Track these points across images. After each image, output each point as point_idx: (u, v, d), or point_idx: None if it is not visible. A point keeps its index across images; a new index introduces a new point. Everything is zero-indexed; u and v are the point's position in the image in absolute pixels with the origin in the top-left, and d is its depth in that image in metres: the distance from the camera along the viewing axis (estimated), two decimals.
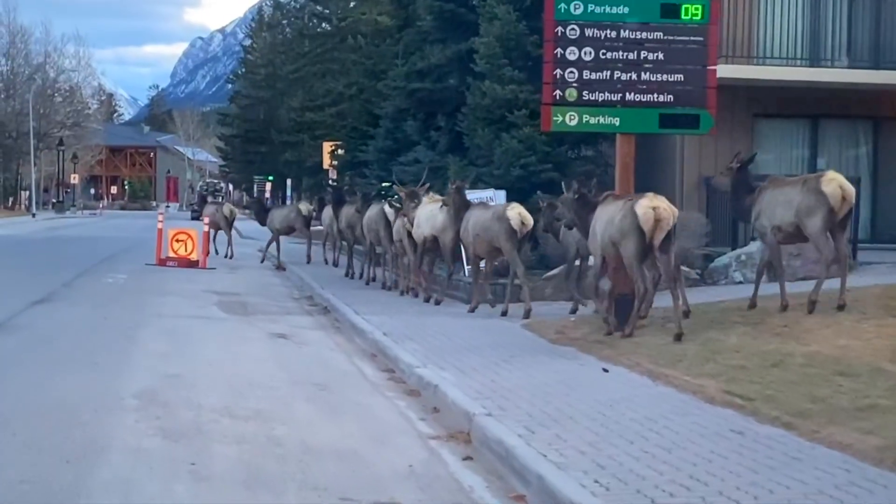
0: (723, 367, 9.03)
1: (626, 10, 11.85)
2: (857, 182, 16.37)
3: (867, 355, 8.98)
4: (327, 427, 7.80)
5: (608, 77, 11.88)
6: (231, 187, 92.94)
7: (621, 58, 11.91)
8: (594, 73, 11.88)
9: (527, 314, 13.32)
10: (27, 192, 73.04)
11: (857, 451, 6.30)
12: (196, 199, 35.52)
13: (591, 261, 12.67)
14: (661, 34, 11.89)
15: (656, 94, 11.88)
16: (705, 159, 17.34)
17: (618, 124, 11.98)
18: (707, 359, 9.44)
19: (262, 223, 25.46)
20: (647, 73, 11.88)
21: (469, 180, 16.08)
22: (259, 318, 14.43)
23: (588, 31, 11.87)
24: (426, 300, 15.95)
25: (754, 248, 14.81)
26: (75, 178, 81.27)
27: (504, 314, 13.83)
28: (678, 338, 10.32)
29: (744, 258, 15.22)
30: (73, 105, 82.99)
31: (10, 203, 75.24)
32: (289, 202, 56.78)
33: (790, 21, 18.07)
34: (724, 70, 13.48)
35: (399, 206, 17.01)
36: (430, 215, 15.71)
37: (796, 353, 9.28)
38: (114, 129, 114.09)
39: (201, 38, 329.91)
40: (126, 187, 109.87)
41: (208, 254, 24.32)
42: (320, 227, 25.36)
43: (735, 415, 7.52)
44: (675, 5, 11.81)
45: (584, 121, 11.97)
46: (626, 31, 11.92)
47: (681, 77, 11.90)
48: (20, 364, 10.04)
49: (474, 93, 18.41)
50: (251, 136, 69.53)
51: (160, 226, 24.04)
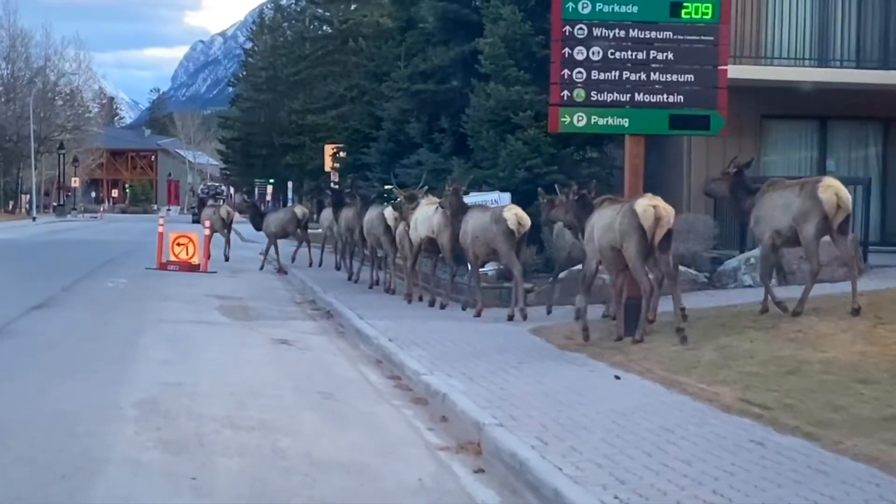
0: (738, 374, 8.79)
1: (635, 9, 11.61)
2: (867, 184, 16.23)
3: (886, 362, 8.75)
4: (333, 438, 7.56)
5: (617, 77, 11.64)
6: (232, 190, 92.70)
7: (630, 58, 11.66)
8: (602, 74, 11.64)
9: (524, 316, 13.32)
10: (28, 196, 72.82)
11: (885, 464, 6.07)
12: (196, 203, 35.31)
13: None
14: (671, 33, 11.66)
15: (666, 95, 11.64)
16: (713, 161, 17.07)
17: (627, 125, 11.74)
18: (721, 365, 9.21)
19: (258, 228, 25.28)
20: (657, 74, 11.64)
21: (467, 183, 15.92)
22: (261, 323, 14.21)
23: (596, 31, 11.63)
24: (430, 304, 15.72)
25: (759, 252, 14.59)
26: (76, 182, 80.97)
27: (510, 318, 13.60)
28: (680, 332, 10.30)
29: (753, 261, 14.94)
30: (73, 108, 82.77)
31: (11, 207, 75.05)
32: (290, 204, 56.63)
33: (798, 21, 17.85)
34: (731, 71, 13.20)
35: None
36: (426, 217, 15.66)
37: (813, 360, 9.05)
38: (115, 133, 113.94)
39: (202, 42, 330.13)
40: (127, 191, 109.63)
41: (209, 257, 24.09)
42: (319, 230, 25.16)
43: (753, 424, 7.29)
44: (684, 4, 11.59)
45: (593, 122, 11.73)
46: (635, 30, 11.67)
47: (691, 77, 11.66)
48: (17, 372, 9.82)
49: (479, 94, 18.16)
50: (252, 138, 69.32)
51: (161, 229, 23.84)
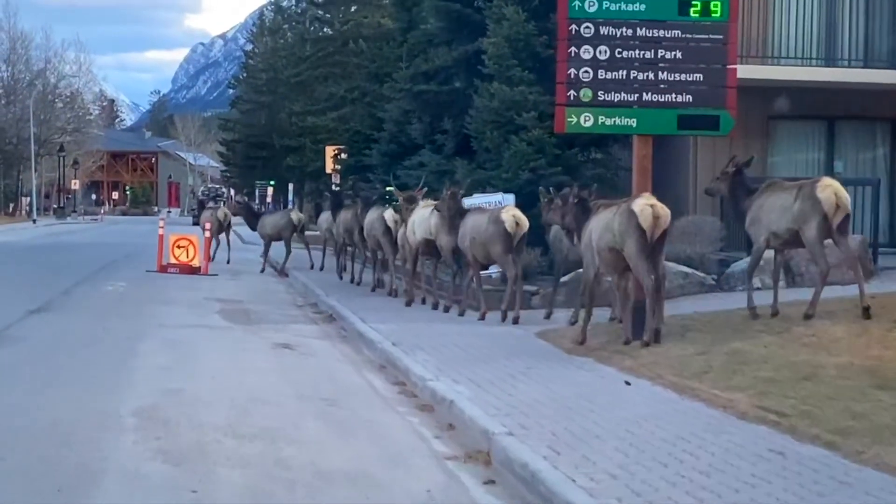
0: (752, 380, 8.58)
1: (643, 7, 11.36)
2: (876, 185, 16.02)
3: None
4: (338, 447, 7.35)
5: (624, 77, 11.40)
6: (232, 192, 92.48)
7: (638, 56, 11.41)
8: (610, 73, 11.40)
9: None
10: (28, 199, 72.58)
11: None
12: (196, 205, 35.16)
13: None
14: (679, 32, 11.41)
15: (674, 95, 11.39)
16: (719, 162, 16.65)
17: (635, 125, 11.50)
18: (734, 371, 9.00)
19: (253, 228, 25.16)
20: (665, 73, 11.39)
21: (466, 185, 15.77)
22: (263, 328, 14.00)
23: (603, 29, 11.38)
24: (433, 307, 15.52)
25: (772, 253, 14.35)
26: (76, 184, 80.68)
27: (516, 322, 13.42)
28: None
29: (762, 263, 14.68)
30: (74, 111, 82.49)
31: (11, 209, 74.76)
32: (291, 206, 56.39)
33: (805, 20, 17.62)
34: (738, 70, 13.04)
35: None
36: (424, 219, 15.57)
37: (828, 365, 8.83)
38: (115, 135, 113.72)
39: (202, 44, 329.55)
40: (127, 193, 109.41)
41: (210, 260, 23.89)
42: (317, 233, 25.02)
43: (771, 432, 7.08)
44: (692, 2, 11.36)
45: (600, 122, 11.49)
46: (643, 28, 11.40)
47: (700, 76, 11.41)
48: (13, 379, 9.61)
49: (482, 94, 17.96)
50: (252, 140, 69.05)
51: (161, 232, 23.64)
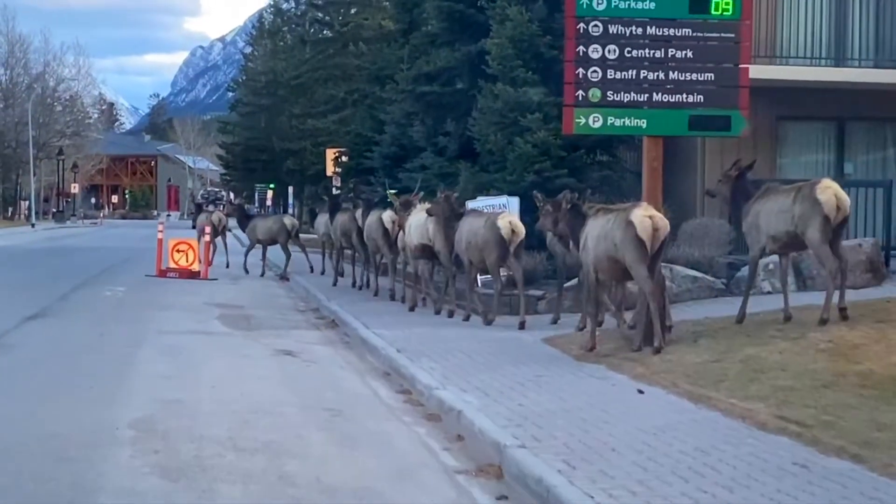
0: (770, 389, 8.30)
1: (653, 5, 11.05)
2: (888, 186, 15.73)
3: None
4: (343, 461, 7.07)
5: (634, 76, 11.09)
6: (232, 195, 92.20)
7: (648, 56, 11.09)
8: (619, 73, 11.10)
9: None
10: (27, 202, 72.29)
11: None
12: (194, 209, 35.00)
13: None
14: (690, 30, 11.11)
15: (685, 95, 11.10)
16: (727, 164, 16.46)
17: (645, 126, 11.20)
18: (751, 379, 8.72)
19: (243, 229, 25.05)
20: (676, 72, 11.08)
21: (459, 190, 15.56)
22: (264, 334, 13.72)
23: (612, 28, 11.08)
24: (436, 312, 15.25)
25: (775, 257, 14.11)
26: (75, 188, 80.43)
27: (521, 327, 13.17)
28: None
29: (772, 267, 14.43)
30: (73, 114, 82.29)
31: (10, 213, 74.53)
32: (290, 210, 56.10)
33: (814, 19, 17.34)
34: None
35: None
36: (420, 223, 15.40)
37: (848, 373, 8.56)
38: (114, 138, 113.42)
39: (201, 47, 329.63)
40: (127, 196, 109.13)
41: (210, 264, 23.63)
42: (314, 236, 24.91)
43: (793, 444, 6.81)
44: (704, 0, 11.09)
45: (609, 123, 11.19)
46: (653, 27, 11.09)
47: (711, 76, 11.12)
48: (7, 389, 9.33)
49: (486, 96, 17.69)
50: (252, 143, 68.70)
51: (160, 236, 23.38)
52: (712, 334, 10.97)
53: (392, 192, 20.67)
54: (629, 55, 11.09)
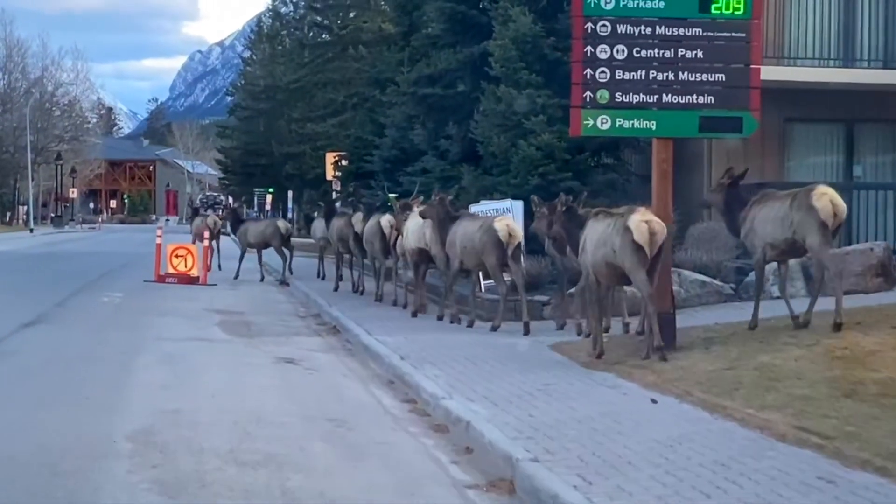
0: (787, 398, 8.05)
1: (662, 4, 10.81)
2: None
3: None
4: (348, 474, 6.81)
5: (643, 77, 10.86)
6: (231, 200, 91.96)
7: (657, 56, 10.86)
8: (627, 73, 10.86)
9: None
10: (25, 207, 72.08)
11: None
12: (189, 213, 34.71)
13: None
14: (700, 30, 10.88)
15: (695, 95, 10.86)
16: (734, 166, 16.31)
17: (654, 128, 10.96)
18: (767, 387, 8.46)
19: (234, 232, 24.85)
20: (685, 73, 10.85)
21: (454, 193, 15.34)
22: (264, 340, 13.46)
23: (620, 28, 10.84)
24: (439, 318, 14.99)
25: (792, 260, 13.86)
26: (74, 193, 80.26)
27: (526, 333, 12.99)
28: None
29: (781, 271, 14.18)
30: (71, 119, 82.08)
31: (8, 218, 74.31)
32: (290, 215, 55.86)
33: (822, 19, 17.10)
34: None
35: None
36: (417, 227, 15.25)
37: (867, 381, 8.31)
38: (113, 143, 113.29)
39: (200, 52, 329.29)
40: (125, 201, 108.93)
41: (209, 269, 23.38)
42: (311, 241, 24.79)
43: (816, 457, 6.55)
44: None
45: (618, 125, 10.95)
46: (662, 26, 10.85)
47: (722, 76, 10.89)
48: (2, 399, 9.05)
49: (488, 98, 17.46)
50: (251, 148, 68.48)
51: (159, 241, 23.14)
52: (724, 341, 10.73)
53: (393, 195, 20.48)
54: (638, 55, 10.86)
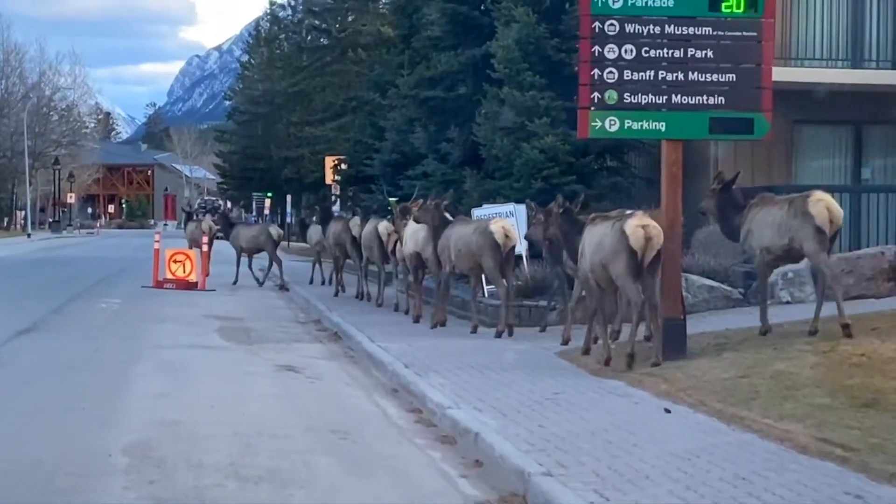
0: (806, 407, 7.78)
1: (671, 2, 10.53)
2: None
3: None
4: (354, 490, 6.54)
5: (652, 77, 10.59)
6: (229, 204, 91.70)
7: (666, 56, 10.58)
8: (636, 74, 10.59)
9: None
10: (23, 212, 71.81)
11: None
12: (183, 218, 34.29)
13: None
14: (710, 29, 10.61)
15: (706, 96, 10.59)
16: (741, 169, 15.99)
17: (663, 130, 10.68)
18: (784, 396, 8.20)
19: (226, 237, 24.58)
20: (695, 73, 10.58)
21: (451, 197, 15.12)
22: (265, 347, 13.20)
23: (628, 27, 10.57)
24: (442, 324, 14.71)
25: (802, 264, 13.61)
26: (72, 198, 79.97)
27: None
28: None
29: (791, 275, 13.95)
30: (69, 124, 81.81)
31: (6, 223, 74.02)
32: (289, 219, 55.55)
33: (830, 19, 16.85)
34: None
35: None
36: (414, 231, 15.14)
37: (888, 390, 8.04)
38: (111, 148, 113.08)
39: (198, 56, 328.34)
40: (123, 206, 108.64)
41: (207, 274, 23.11)
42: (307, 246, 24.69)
43: (841, 471, 6.29)
44: None
45: (626, 126, 10.68)
46: (671, 26, 10.58)
47: (732, 77, 10.61)
48: None
49: (491, 100, 17.21)
50: (249, 152, 68.21)
51: (157, 246, 22.87)
52: (736, 347, 10.47)
53: (393, 199, 20.25)
54: (647, 55, 10.60)
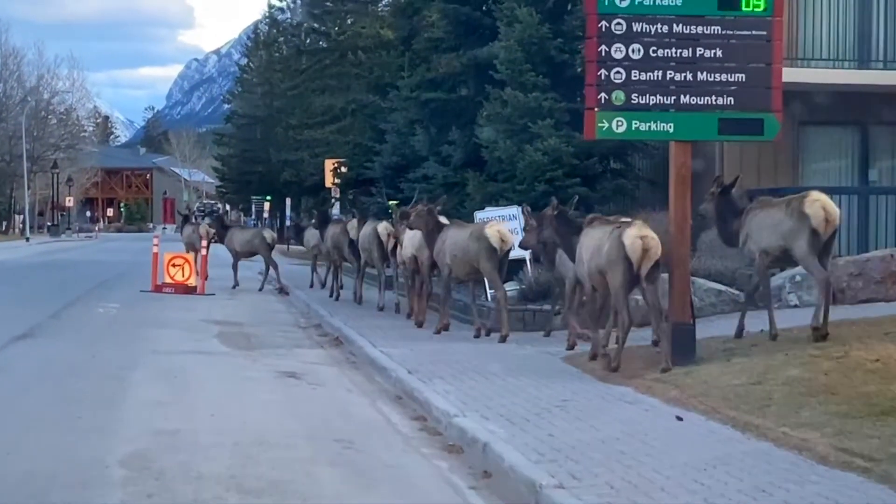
0: (823, 415, 7.57)
1: (679, 1, 10.37)
2: None
3: None
4: (359, 502, 6.33)
5: (660, 77, 10.39)
6: (228, 208, 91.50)
7: (674, 55, 10.39)
8: (644, 74, 10.39)
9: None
10: (21, 216, 71.58)
11: None
12: (180, 221, 34.04)
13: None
14: (719, 28, 10.41)
15: (714, 97, 10.40)
16: (747, 171, 15.85)
17: (672, 131, 10.47)
18: (799, 404, 7.99)
19: (220, 240, 24.32)
20: (704, 73, 10.38)
21: (442, 202, 14.91)
22: (265, 353, 12.98)
23: (636, 26, 10.37)
24: (445, 328, 14.49)
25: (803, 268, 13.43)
26: (70, 201, 79.80)
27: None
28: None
29: (798, 279, 13.72)
30: (67, 127, 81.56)
31: (4, 227, 73.77)
32: (288, 222, 55.34)
33: (836, 19, 16.64)
34: None
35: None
36: (412, 235, 15.03)
37: None
38: (109, 152, 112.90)
39: (196, 60, 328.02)
40: (122, 210, 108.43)
41: (206, 278, 22.89)
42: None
43: (863, 482, 6.09)
44: None
45: (634, 127, 10.47)
46: (680, 25, 10.37)
47: (742, 77, 10.42)
48: None
49: (493, 102, 17.00)
50: (248, 155, 68.00)
51: (155, 249, 22.64)
52: (746, 352, 10.26)
53: (394, 202, 20.06)
54: (654, 55, 10.43)
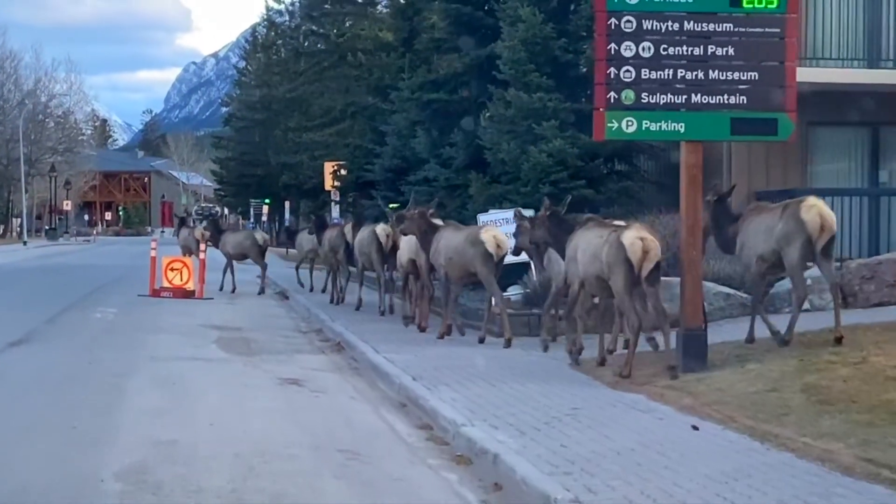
0: (845, 424, 7.32)
1: None
2: None
3: None
4: None
5: (670, 76, 10.13)
6: (227, 211, 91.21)
7: (685, 54, 10.13)
8: (654, 72, 10.12)
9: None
10: (19, 220, 71.31)
11: None
12: (176, 224, 33.55)
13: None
14: (731, 26, 10.15)
15: (726, 96, 10.14)
16: (755, 172, 15.66)
17: (683, 131, 10.20)
18: (819, 412, 7.73)
19: (215, 244, 24.16)
20: (716, 72, 10.12)
21: (434, 205, 14.70)
22: (265, 359, 12.71)
23: (646, 24, 10.10)
24: (447, 332, 14.25)
25: (817, 272, 13.15)
26: (68, 205, 79.47)
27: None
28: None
29: (809, 282, 13.44)
30: (65, 131, 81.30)
31: (2, 231, 73.50)
32: (287, 225, 55.06)
33: (846, 18, 16.38)
34: None
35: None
36: (409, 238, 14.87)
37: None
38: (107, 155, 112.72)
39: (194, 63, 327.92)
40: (120, 213, 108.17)
41: (203, 282, 22.62)
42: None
43: (891, 494, 5.87)
44: None
45: (644, 127, 10.20)
46: (691, 22, 10.12)
47: (755, 75, 10.15)
48: None
49: (496, 102, 16.74)
50: (247, 158, 67.71)
51: (153, 253, 22.37)
52: (759, 358, 10.00)
53: (393, 205, 19.78)
54: (665, 53, 10.16)
